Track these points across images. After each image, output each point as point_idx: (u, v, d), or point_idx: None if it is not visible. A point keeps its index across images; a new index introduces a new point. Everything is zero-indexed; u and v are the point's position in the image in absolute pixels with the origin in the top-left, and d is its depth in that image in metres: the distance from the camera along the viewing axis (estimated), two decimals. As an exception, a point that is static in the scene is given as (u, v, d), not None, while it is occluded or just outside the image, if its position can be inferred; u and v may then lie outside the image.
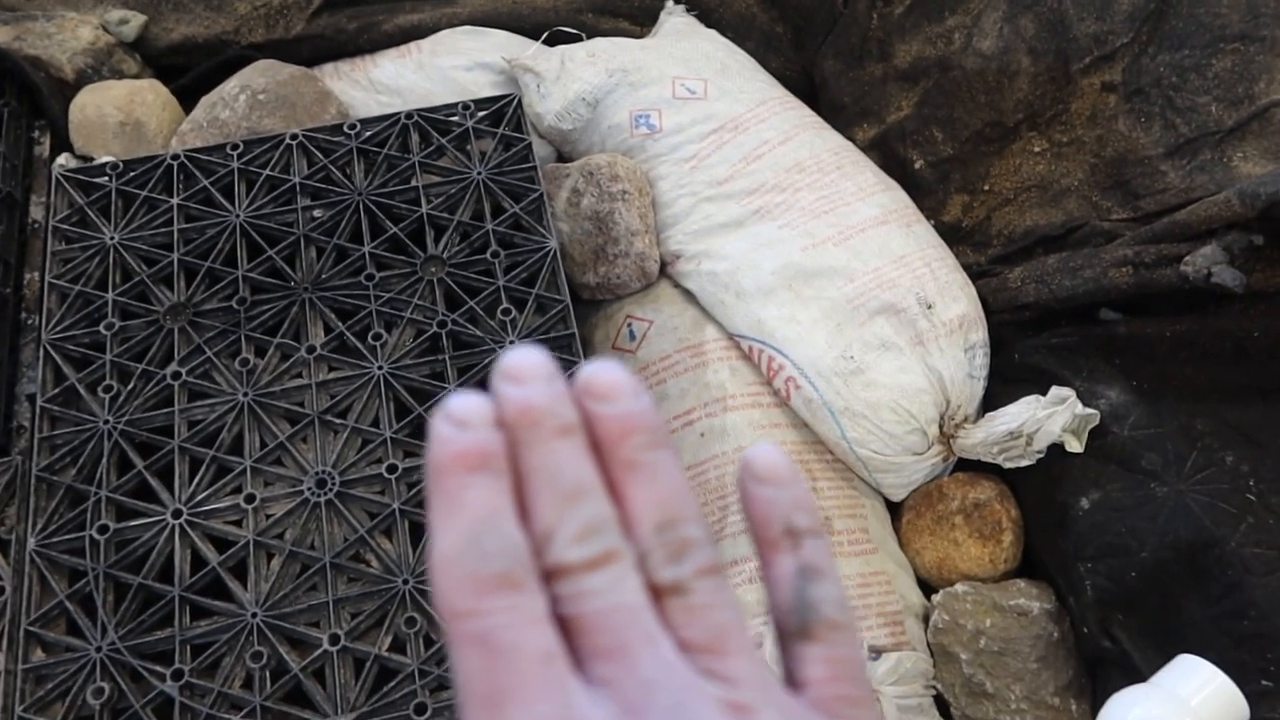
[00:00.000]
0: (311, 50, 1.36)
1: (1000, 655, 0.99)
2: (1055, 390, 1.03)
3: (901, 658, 0.98)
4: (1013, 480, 1.09)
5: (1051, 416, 1.00)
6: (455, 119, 1.14)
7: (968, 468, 1.10)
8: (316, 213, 1.07)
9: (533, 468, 0.22)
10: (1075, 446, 1.01)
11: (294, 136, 1.11)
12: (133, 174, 1.09)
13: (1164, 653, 0.91)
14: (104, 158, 1.19)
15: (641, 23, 1.42)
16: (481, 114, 1.14)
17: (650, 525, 0.22)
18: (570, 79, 1.26)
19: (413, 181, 1.09)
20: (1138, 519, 0.97)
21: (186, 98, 1.31)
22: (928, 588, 1.09)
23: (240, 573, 0.87)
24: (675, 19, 1.38)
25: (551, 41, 1.35)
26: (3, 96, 1.25)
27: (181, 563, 0.87)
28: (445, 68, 1.32)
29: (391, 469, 0.91)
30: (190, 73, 1.35)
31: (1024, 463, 1.04)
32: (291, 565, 0.87)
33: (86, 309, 1.01)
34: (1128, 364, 1.05)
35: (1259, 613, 0.91)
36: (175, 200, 1.07)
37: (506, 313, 1.00)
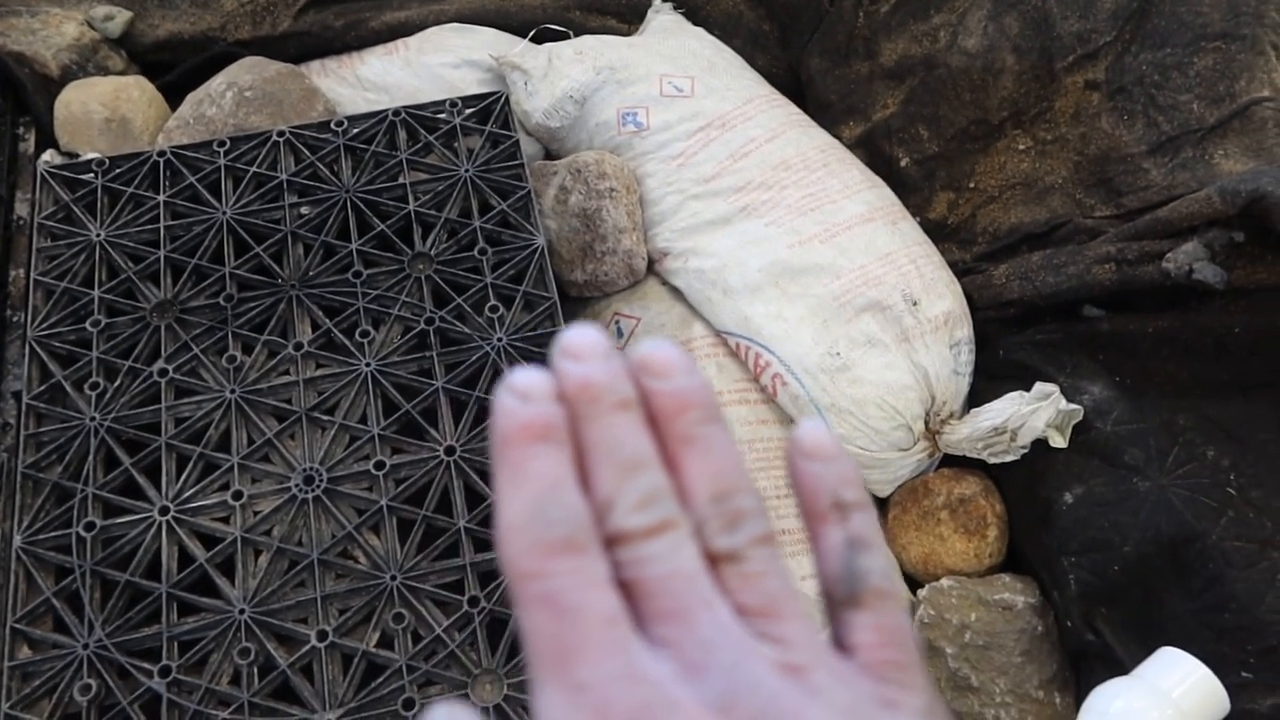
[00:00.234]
0: (298, 47, 1.36)
1: (985, 649, 1.00)
2: (1039, 386, 1.03)
3: (887, 652, 0.99)
4: (997, 476, 1.10)
5: (1035, 412, 1.01)
6: (443, 116, 1.14)
7: (953, 463, 1.11)
8: (304, 210, 1.07)
9: (593, 440, 0.23)
10: (1059, 442, 1.02)
11: (281, 133, 1.11)
12: (119, 171, 1.09)
13: (1146, 646, 0.92)
14: (90, 154, 1.18)
15: (629, 20, 1.42)
16: (469, 111, 1.14)
17: (706, 496, 0.23)
18: (558, 76, 1.26)
19: (400, 179, 1.09)
20: (1120, 513, 0.98)
21: (173, 94, 1.31)
22: (913, 583, 1.09)
23: (228, 569, 0.87)
24: (663, 17, 1.38)
25: (539, 39, 1.35)
26: (-13, 93, 1.24)
27: (169, 559, 0.87)
28: (433, 65, 1.32)
29: (379, 465, 0.91)
30: (176, 69, 1.35)
31: (1008, 458, 1.04)
32: (279, 562, 0.88)
33: (72, 306, 1.00)
34: (1111, 360, 1.06)
35: (1239, 605, 0.92)
36: (162, 197, 1.07)
37: (494, 310, 1.00)
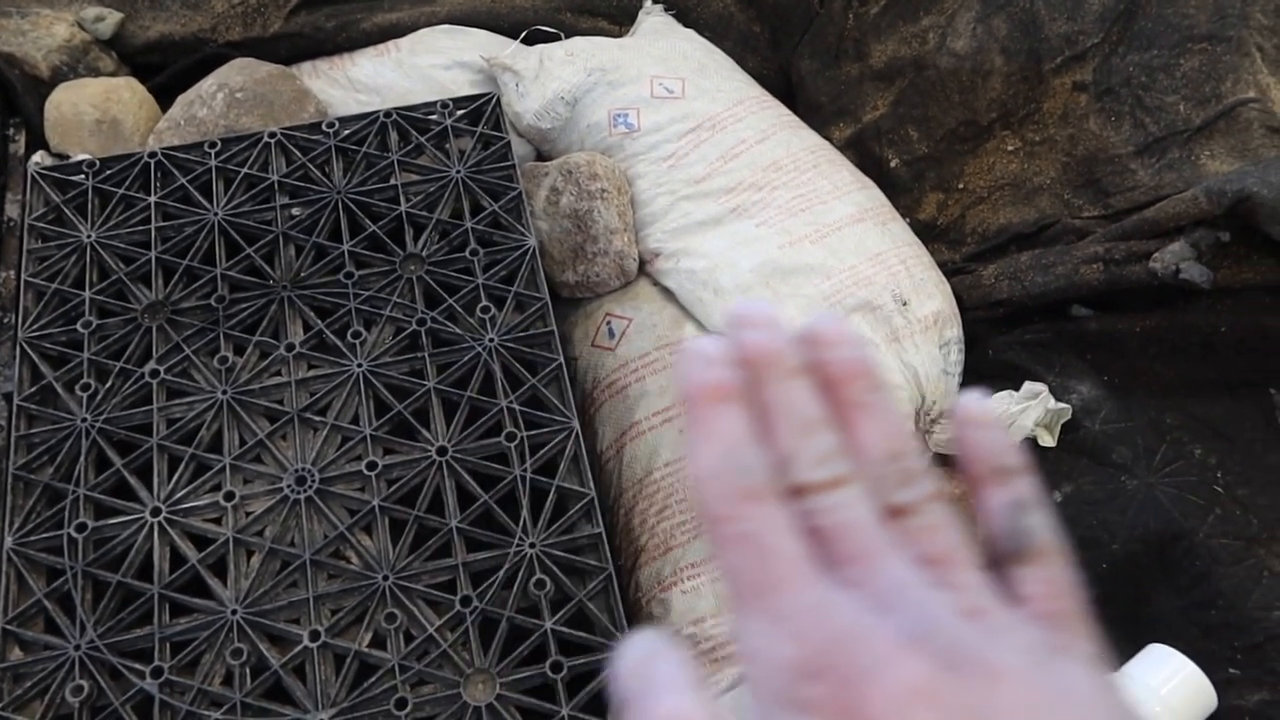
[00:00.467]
0: (289, 48, 1.36)
1: (975, 647, 1.01)
2: (1028, 385, 1.04)
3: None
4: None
5: (1025, 411, 1.02)
6: (434, 117, 1.14)
7: (943, 463, 1.12)
8: (295, 211, 1.07)
9: (772, 402, 0.25)
10: (1048, 441, 1.03)
11: (272, 135, 1.11)
12: (109, 172, 1.09)
13: (1134, 643, 0.93)
14: (80, 156, 1.18)
15: (620, 22, 1.42)
16: (460, 113, 1.15)
17: (880, 455, 0.25)
18: (549, 78, 1.26)
19: (392, 180, 1.09)
20: (1109, 512, 0.99)
21: (163, 96, 1.31)
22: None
23: (220, 570, 0.87)
24: (653, 18, 1.38)
25: (530, 41, 1.36)
26: (-23, 94, 1.24)
27: (161, 560, 0.87)
28: (424, 66, 1.32)
29: (371, 466, 0.91)
30: (167, 70, 1.35)
31: (998, 457, 1.05)
32: (271, 562, 0.88)
33: (63, 307, 1.00)
34: (1099, 359, 1.07)
35: (1226, 602, 0.93)
36: (153, 198, 1.07)
37: (486, 310, 1.00)
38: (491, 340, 0.98)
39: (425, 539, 0.88)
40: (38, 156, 1.25)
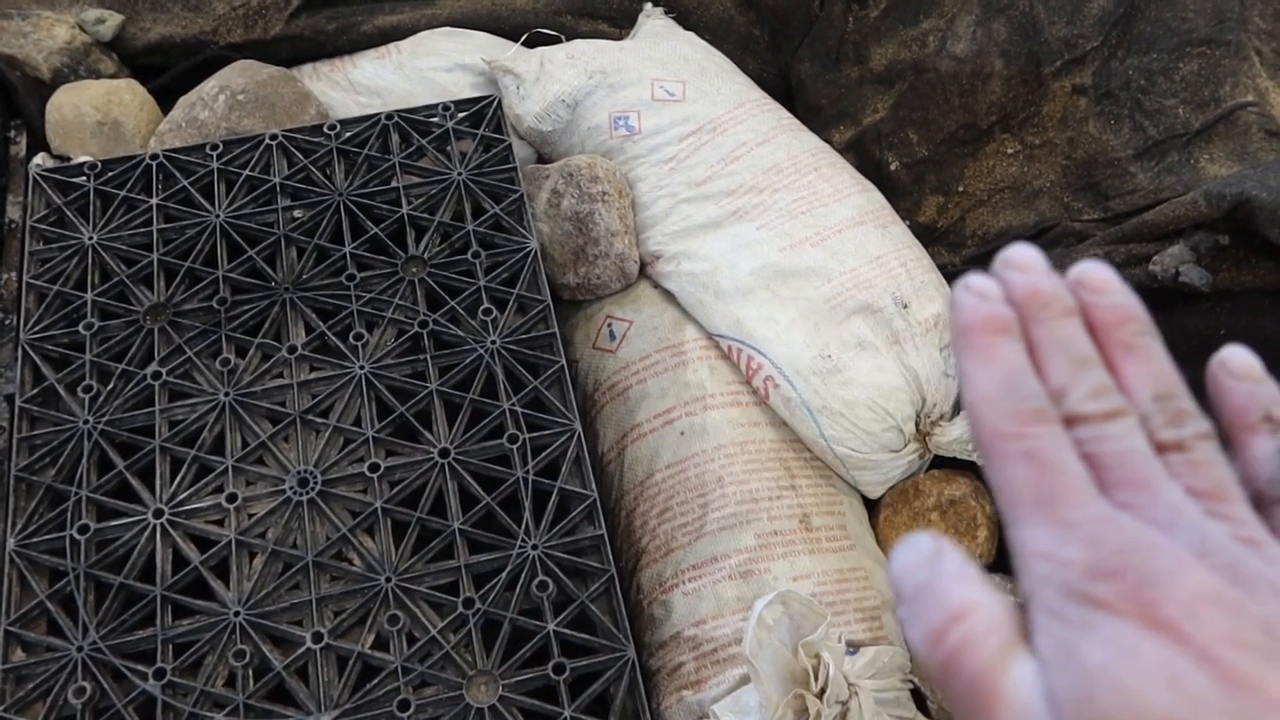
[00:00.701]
0: (290, 51, 1.36)
1: (975, 648, 1.01)
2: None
3: (879, 652, 1.00)
4: (987, 477, 1.10)
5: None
6: (435, 120, 1.14)
7: (943, 465, 1.12)
8: (297, 213, 1.07)
9: (1045, 338, 0.26)
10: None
11: (274, 137, 1.11)
12: (111, 174, 1.09)
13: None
14: (82, 158, 1.18)
15: (620, 25, 1.43)
16: (462, 115, 1.15)
17: (1149, 395, 0.26)
18: (550, 81, 1.27)
19: (393, 182, 1.09)
20: (1108, 513, 0.99)
21: (164, 98, 1.31)
22: (904, 583, 1.10)
23: (222, 572, 0.87)
24: (654, 21, 1.39)
25: (531, 43, 1.36)
26: (-22, 96, 1.24)
27: (163, 562, 0.87)
28: (425, 69, 1.32)
29: (373, 468, 0.91)
30: (168, 73, 1.35)
31: (998, 459, 1.05)
32: (274, 564, 0.88)
33: (65, 309, 1.00)
34: (1098, 362, 1.07)
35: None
36: (154, 200, 1.07)
37: (488, 313, 1.01)
38: (493, 342, 0.99)
39: (428, 541, 0.89)
40: (39, 158, 1.25)
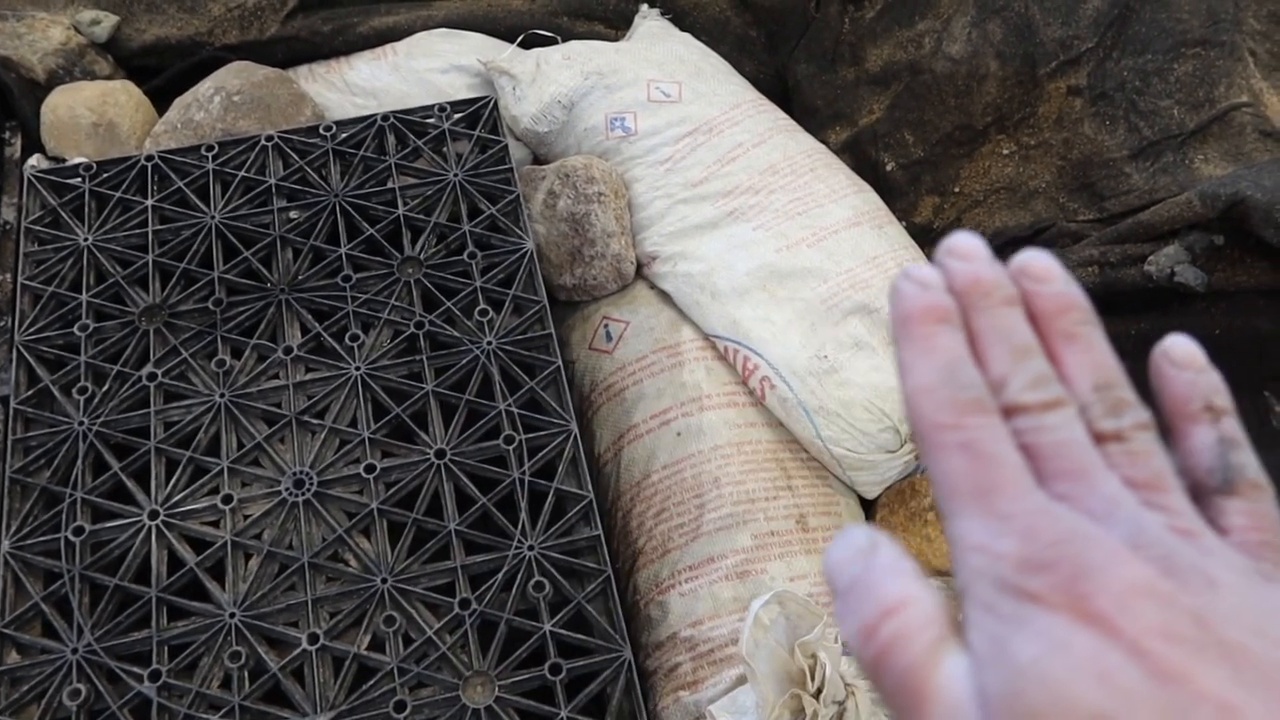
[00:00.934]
0: (286, 52, 1.36)
1: (972, 648, 1.01)
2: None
3: (875, 652, 1.00)
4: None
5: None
6: (431, 121, 1.14)
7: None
8: (293, 214, 1.07)
9: (985, 328, 0.26)
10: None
11: (269, 138, 1.11)
12: (106, 175, 1.09)
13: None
14: (77, 159, 1.18)
15: (616, 26, 1.43)
16: (458, 116, 1.15)
17: (1089, 385, 0.26)
18: (546, 81, 1.27)
19: (389, 183, 1.09)
20: (1105, 513, 0.99)
21: (160, 99, 1.31)
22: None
23: (218, 573, 0.87)
24: (650, 22, 1.39)
25: (527, 45, 1.36)
26: (-27, 97, 1.24)
27: (158, 564, 0.87)
28: (421, 70, 1.32)
29: (369, 469, 0.91)
30: (163, 74, 1.35)
31: (994, 459, 1.05)
32: (269, 565, 0.88)
33: (60, 310, 1.00)
34: (1094, 362, 1.07)
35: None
36: (150, 201, 1.07)
37: (484, 313, 1.01)
38: (490, 343, 0.98)
39: (424, 542, 0.88)
40: (34, 159, 1.25)
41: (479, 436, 0.94)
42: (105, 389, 0.95)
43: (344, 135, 1.12)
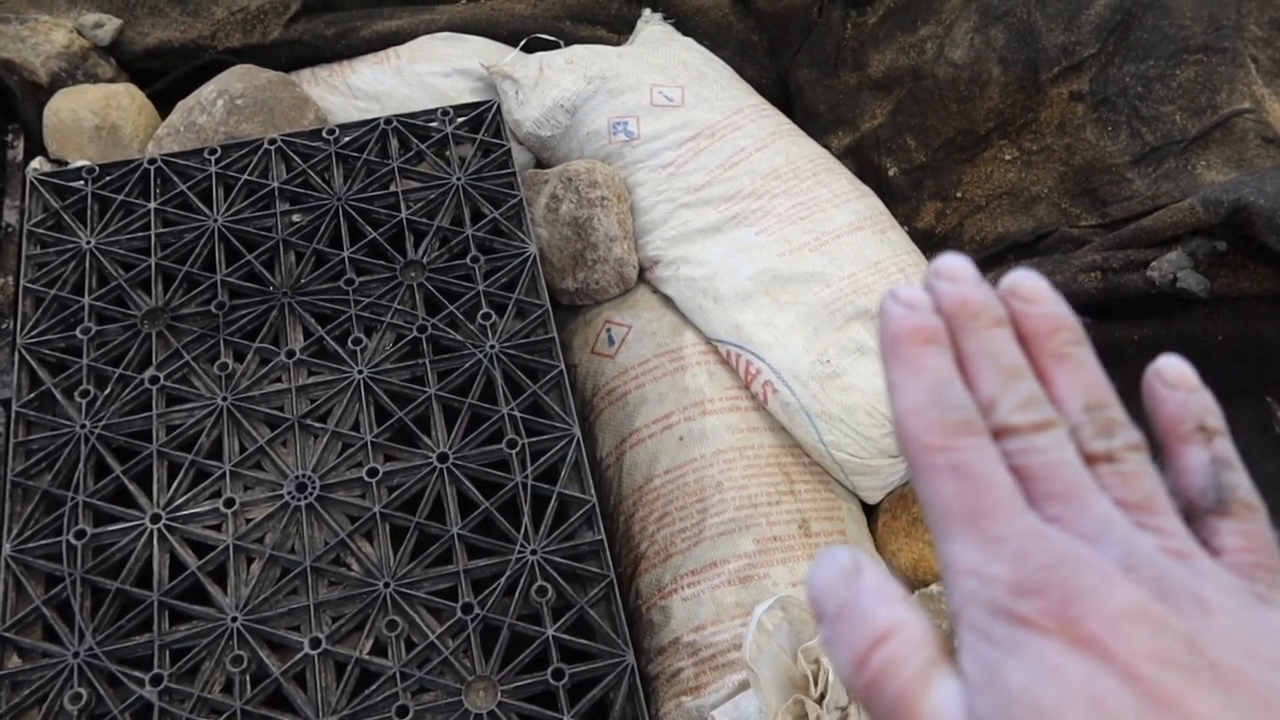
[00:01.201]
0: (289, 56, 1.36)
1: (974, 654, 1.01)
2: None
3: (878, 657, 1.00)
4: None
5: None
6: (434, 125, 1.14)
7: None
8: (295, 218, 1.07)
9: (974, 349, 0.26)
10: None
11: (272, 141, 1.11)
12: (109, 178, 1.09)
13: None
14: (79, 162, 1.18)
15: (619, 30, 1.43)
16: (460, 120, 1.15)
17: (1079, 405, 0.26)
18: (549, 86, 1.27)
19: (392, 187, 1.09)
20: (1107, 519, 0.99)
21: (163, 102, 1.31)
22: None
23: (220, 577, 0.87)
24: (652, 27, 1.39)
25: (529, 49, 1.36)
26: (-25, 100, 1.24)
27: (160, 567, 0.87)
28: (424, 74, 1.32)
29: (372, 473, 0.91)
30: (166, 77, 1.35)
31: (997, 464, 1.05)
32: (271, 569, 0.87)
33: (62, 313, 1.00)
34: (1097, 367, 1.07)
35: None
36: (153, 205, 1.07)
37: (486, 317, 1.01)
38: (492, 347, 0.98)
39: (426, 546, 0.88)
40: (36, 162, 1.25)
41: (481, 440, 0.94)
42: (107, 392, 0.95)
43: (347, 139, 1.12)
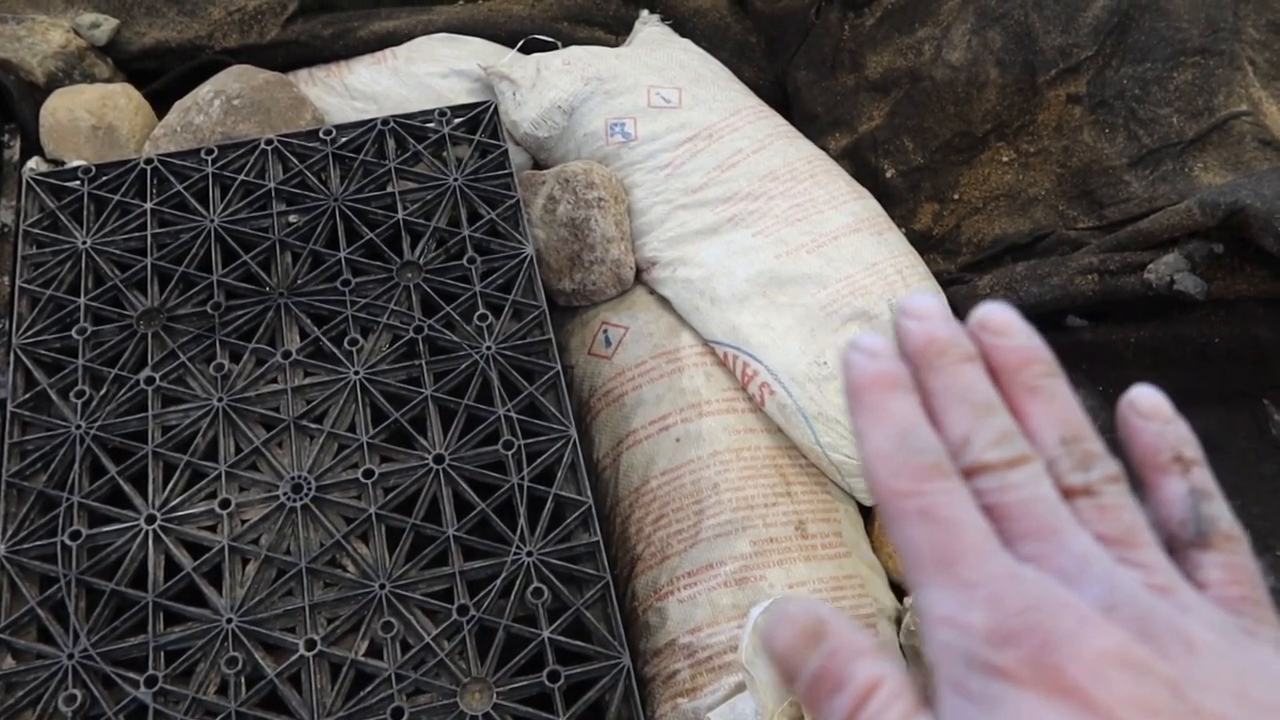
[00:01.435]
0: (286, 56, 1.36)
1: (971, 656, 1.01)
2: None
3: (874, 659, 0.99)
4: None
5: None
6: (431, 125, 1.14)
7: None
8: (292, 218, 1.07)
9: (942, 387, 0.25)
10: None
11: (269, 142, 1.11)
12: (105, 178, 1.08)
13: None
14: (76, 162, 1.18)
15: (616, 32, 1.43)
16: (458, 121, 1.15)
17: (1055, 438, 0.25)
18: (546, 87, 1.27)
19: (389, 187, 1.09)
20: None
21: (159, 102, 1.30)
22: (900, 591, 1.10)
23: (215, 578, 0.87)
24: (650, 28, 1.39)
25: (527, 50, 1.36)
26: (-28, 100, 1.23)
27: (155, 569, 0.87)
28: (421, 74, 1.32)
29: (368, 474, 0.91)
30: (163, 77, 1.35)
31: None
32: (267, 570, 0.87)
33: (58, 314, 1.00)
34: (1094, 370, 1.07)
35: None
36: (149, 205, 1.06)
37: (483, 318, 1.00)
38: (489, 348, 0.98)
39: (422, 547, 0.88)
40: (33, 162, 1.25)
41: (478, 442, 0.93)
42: (103, 392, 0.95)
43: (344, 139, 1.12)
